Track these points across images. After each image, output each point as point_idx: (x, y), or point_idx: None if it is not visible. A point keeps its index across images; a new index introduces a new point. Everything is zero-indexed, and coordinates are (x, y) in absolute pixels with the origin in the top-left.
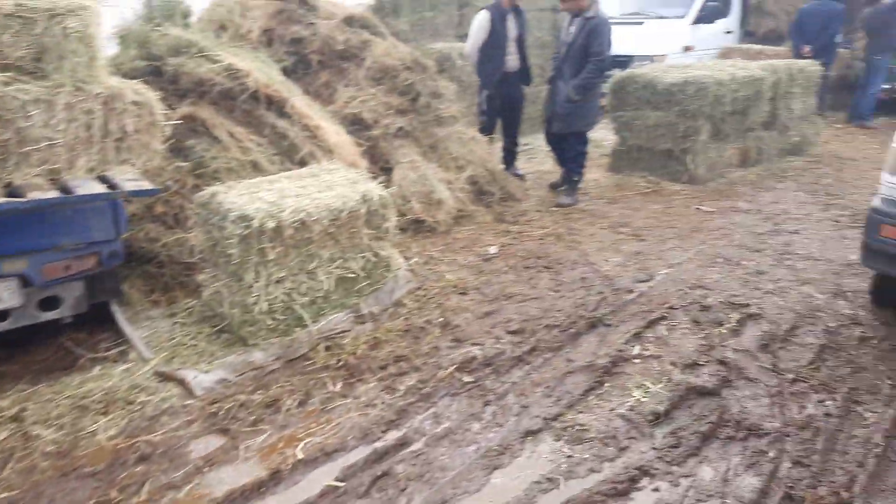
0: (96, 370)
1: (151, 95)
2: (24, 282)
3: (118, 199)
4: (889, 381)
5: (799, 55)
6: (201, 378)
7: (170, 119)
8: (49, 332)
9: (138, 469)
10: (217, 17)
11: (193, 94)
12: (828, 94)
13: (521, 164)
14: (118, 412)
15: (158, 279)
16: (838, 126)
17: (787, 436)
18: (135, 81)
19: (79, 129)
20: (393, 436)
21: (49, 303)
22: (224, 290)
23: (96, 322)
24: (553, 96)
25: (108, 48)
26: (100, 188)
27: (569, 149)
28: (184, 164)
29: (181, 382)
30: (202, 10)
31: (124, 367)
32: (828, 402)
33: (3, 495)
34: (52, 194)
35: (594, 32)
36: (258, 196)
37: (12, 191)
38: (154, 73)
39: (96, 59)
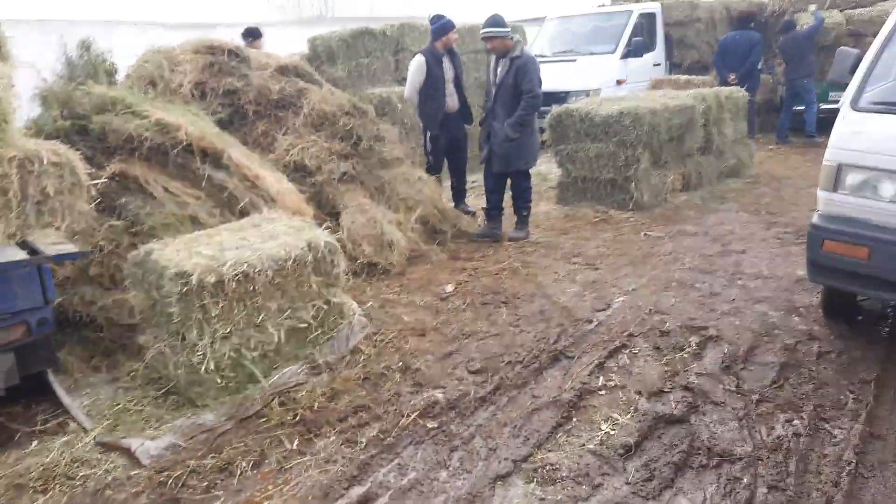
0: (34, 445)
1: (72, 155)
2: None
3: (43, 265)
4: (852, 396)
5: (724, 83)
6: (147, 445)
7: (97, 178)
8: None
9: None
10: (145, 73)
11: (123, 150)
12: (756, 118)
13: (471, 201)
14: (58, 489)
15: (98, 343)
16: (770, 147)
17: (760, 459)
18: (53, 142)
19: None
20: (356, 492)
21: None
22: (168, 350)
23: (32, 393)
24: (489, 137)
25: (31, 110)
26: (20, 254)
27: (514, 185)
28: (117, 222)
29: (126, 452)
30: (129, 66)
31: (64, 439)
32: (795, 422)
33: None
34: None
35: (522, 70)
36: (197, 251)
37: None
38: (80, 132)
39: (7, 121)
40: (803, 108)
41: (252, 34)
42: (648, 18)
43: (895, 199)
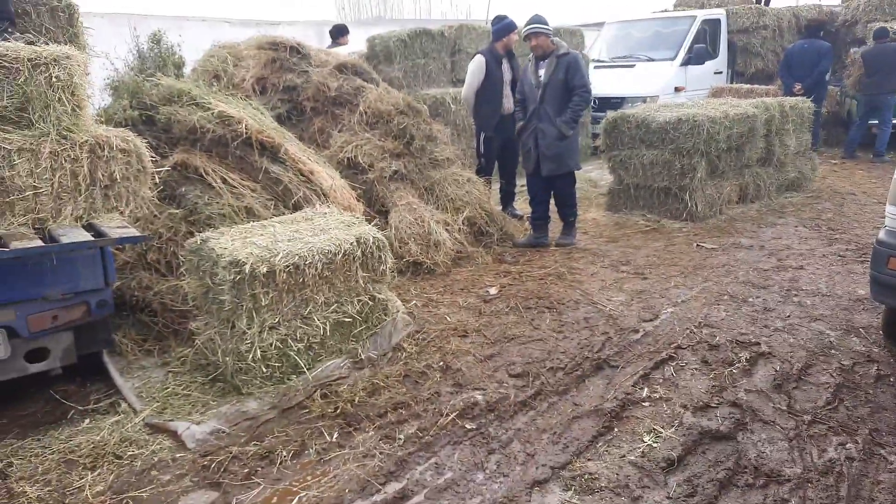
0: (85, 423)
1: (139, 143)
2: (11, 333)
3: (107, 247)
4: None
5: (790, 93)
6: (193, 429)
7: (161, 166)
8: (38, 384)
9: None
10: (210, 68)
11: (186, 141)
12: (821, 131)
13: (519, 205)
14: (106, 467)
15: (151, 328)
16: (834, 161)
17: (809, 482)
18: (122, 129)
19: (64, 177)
20: (392, 488)
21: (37, 354)
22: (217, 337)
23: (87, 373)
24: (535, 140)
25: (102, 99)
26: (85, 236)
27: (559, 192)
28: (176, 210)
29: (173, 434)
30: (195, 60)
31: (114, 419)
32: (849, 445)
33: None
34: (36, 243)
35: (572, 67)
36: (250, 241)
37: None
38: (147, 122)
39: (81, 107)
40: (876, 122)
41: (340, 31)
42: (712, 25)
43: None
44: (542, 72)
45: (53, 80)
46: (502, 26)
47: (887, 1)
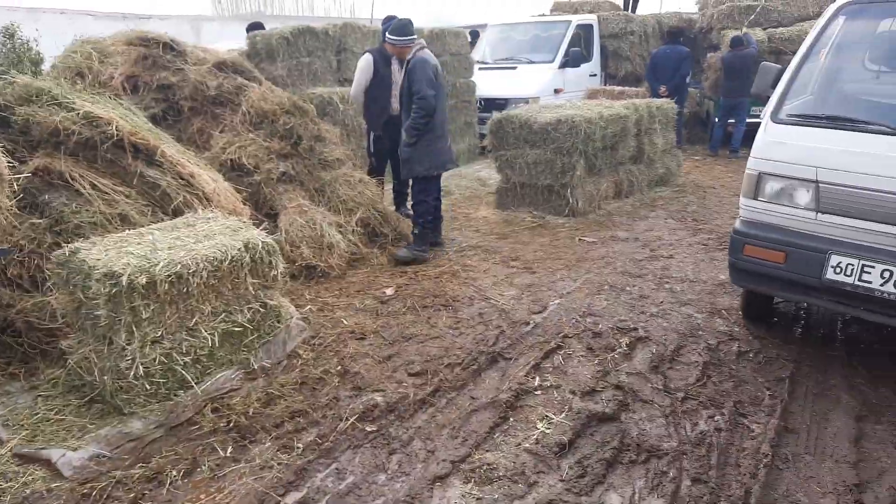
0: None
1: None
2: None
3: None
4: (768, 392)
5: (656, 94)
6: (70, 456)
7: (19, 172)
8: None
9: None
10: (73, 64)
11: (47, 144)
12: (684, 130)
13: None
14: None
15: (15, 349)
16: (696, 158)
17: (684, 454)
18: None
19: None
20: (292, 498)
21: None
22: (93, 355)
23: None
24: (392, 146)
25: None
26: None
27: (412, 196)
28: (39, 220)
29: (46, 463)
30: (55, 56)
31: None
32: (717, 418)
33: None
34: None
35: (412, 73)
36: (127, 250)
37: None
38: (1, 124)
39: None
40: (732, 122)
41: (256, 28)
42: (586, 30)
43: (809, 206)
44: (400, 75)
45: None
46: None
47: (737, 10)
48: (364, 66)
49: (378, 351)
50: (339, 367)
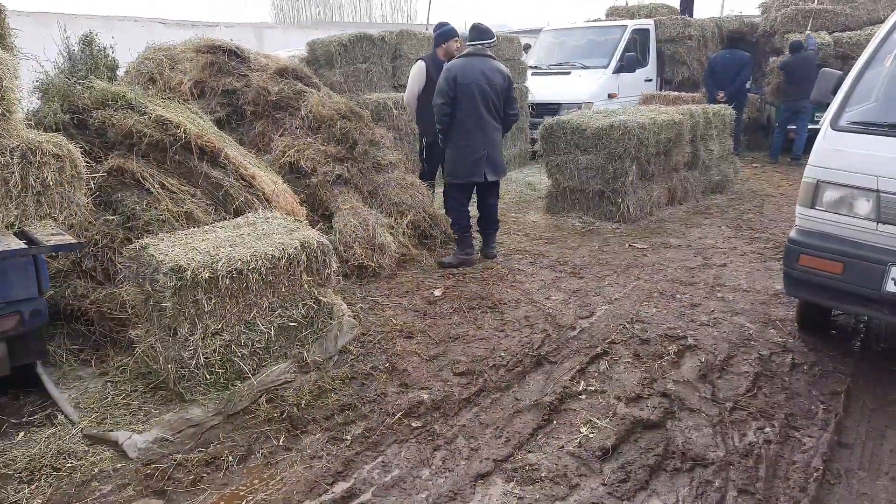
0: (20, 436)
1: (72, 148)
2: None
3: (40, 255)
4: (822, 406)
5: (713, 100)
6: (135, 438)
7: (95, 171)
8: None
9: None
10: (145, 70)
11: (121, 146)
12: (743, 136)
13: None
14: (44, 480)
15: (88, 337)
16: (755, 165)
17: (731, 464)
18: (54, 134)
19: None
20: (340, 488)
21: None
22: (158, 344)
23: (21, 385)
24: None
25: (30, 102)
26: (17, 244)
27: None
28: (112, 217)
29: (113, 444)
30: (129, 62)
31: (51, 431)
32: (767, 429)
33: None
34: None
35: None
36: (191, 246)
37: None
38: (79, 126)
39: (11, 111)
40: (794, 128)
41: (445, 36)
42: (642, 34)
43: (869, 216)
44: None
45: None
46: (442, 32)
47: (802, 14)
48: (417, 72)
49: (425, 350)
50: (388, 364)
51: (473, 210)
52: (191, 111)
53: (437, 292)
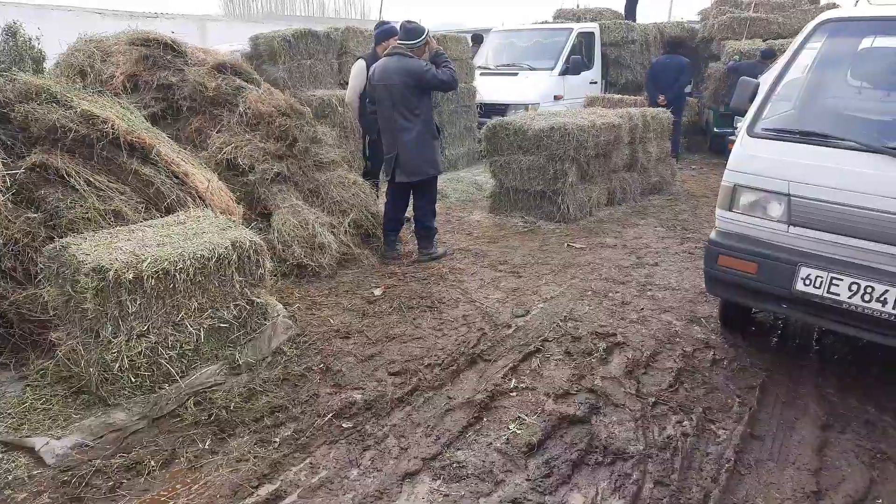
0: None
1: None
2: None
3: None
4: (738, 399)
5: (655, 103)
6: (53, 444)
7: (16, 167)
8: None
9: None
10: (76, 63)
11: (45, 141)
12: (682, 139)
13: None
14: None
15: (7, 340)
16: (694, 167)
17: (650, 457)
18: None
19: None
20: (266, 490)
21: None
22: (80, 347)
23: None
24: None
25: None
26: None
27: None
28: (34, 214)
29: (30, 451)
30: (59, 54)
31: None
32: (685, 423)
33: None
34: None
35: None
36: (116, 246)
37: None
38: (1, 121)
39: None
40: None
41: (387, 34)
42: (587, 38)
43: (781, 218)
44: None
45: None
46: (382, 31)
47: (737, 21)
48: (357, 71)
49: (361, 350)
50: (322, 365)
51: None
52: (122, 106)
53: (378, 292)
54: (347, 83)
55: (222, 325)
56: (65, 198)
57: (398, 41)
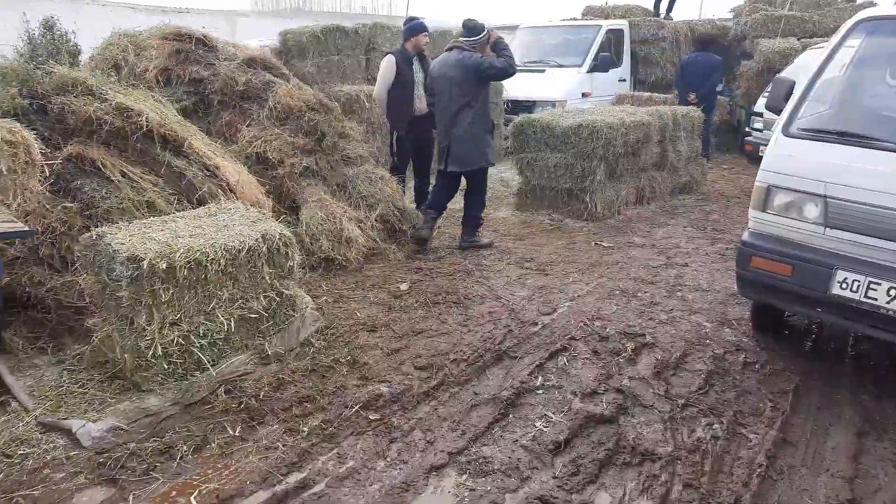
0: None
1: (27, 134)
2: None
3: None
4: (770, 403)
5: (684, 101)
6: (89, 427)
7: (53, 158)
8: None
9: None
10: (110, 57)
11: (81, 133)
12: (713, 138)
13: None
14: None
15: (45, 325)
16: (724, 166)
17: (679, 459)
18: (7, 120)
19: None
20: (294, 478)
21: None
22: (115, 334)
23: None
24: None
25: None
26: None
27: None
28: (71, 204)
29: (67, 433)
30: (93, 48)
31: (4, 418)
32: (715, 426)
33: None
34: None
35: None
36: (150, 236)
37: None
38: (38, 112)
39: None
40: None
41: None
42: (616, 35)
43: (817, 220)
44: None
45: None
46: (411, 27)
47: (771, 19)
48: (386, 66)
49: (387, 343)
50: (349, 357)
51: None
52: (155, 99)
53: (404, 287)
54: (374, 79)
55: (252, 315)
56: (100, 188)
57: (461, 38)
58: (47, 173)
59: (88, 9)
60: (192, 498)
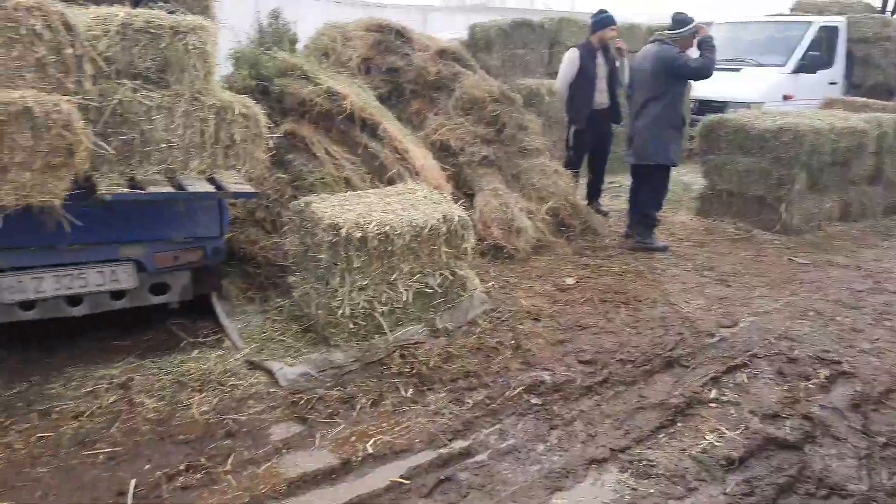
0: (195, 353)
1: (258, 110)
2: (139, 267)
3: (223, 200)
4: None
5: None
6: (286, 370)
7: (273, 133)
8: (157, 315)
9: (225, 443)
10: (321, 45)
11: (295, 112)
12: None
13: (605, 202)
14: (211, 391)
15: (254, 278)
16: None
17: (875, 500)
18: (243, 96)
19: (194, 134)
20: (458, 444)
21: (159, 288)
22: (312, 292)
23: (198, 311)
24: None
25: (224, 67)
26: (209, 188)
27: None
28: (283, 175)
29: (268, 372)
30: (308, 37)
31: (219, 352)
32: None
33: (108, 450)
34: (168, 190)
35: None
36: (348, 208)
37: (134, 185)
38: (262, 92)
39: (211, 73)
40: None
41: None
42: (829, 32)
43: None
44: None
45: (190, 47)
46: (598, 20)
47: None
48: (569, 60)
49: (551, 334)
50: (513, 342)
51: None
52: (357, 85)
53: (570, 281)
54: (556, 73)
55: (427, 290)
56: (307, 163)
57: (665, 31)
58: (270, 145)
59: (306, 2)
60: (367, 445)
